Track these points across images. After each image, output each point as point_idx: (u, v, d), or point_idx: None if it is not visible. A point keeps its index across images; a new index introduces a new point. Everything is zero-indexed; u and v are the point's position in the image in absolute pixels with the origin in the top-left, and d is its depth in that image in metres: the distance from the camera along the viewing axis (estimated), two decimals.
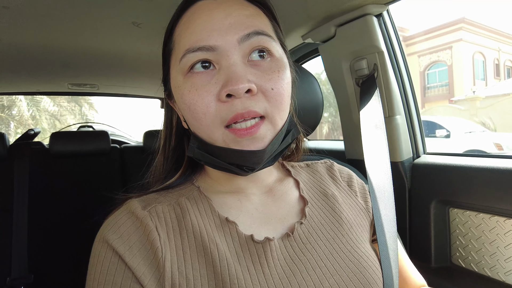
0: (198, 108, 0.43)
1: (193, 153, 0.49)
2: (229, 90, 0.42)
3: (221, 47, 0.44)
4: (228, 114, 0.43)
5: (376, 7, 0.92)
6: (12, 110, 14.69)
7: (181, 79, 0.46)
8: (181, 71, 0.46)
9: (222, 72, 0.44)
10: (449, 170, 0.93)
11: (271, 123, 0.45)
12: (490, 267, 0.85)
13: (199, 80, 0.44)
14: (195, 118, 0.44)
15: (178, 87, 0.46)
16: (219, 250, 0.44)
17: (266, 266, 0.44)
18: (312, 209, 0.54)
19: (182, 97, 0.45)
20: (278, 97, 0.45)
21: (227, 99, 0.43)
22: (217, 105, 0.43)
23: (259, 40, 0.45)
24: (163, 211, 0.47)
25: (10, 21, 1.01)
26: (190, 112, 0.45)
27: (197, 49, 0.44)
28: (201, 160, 0.49)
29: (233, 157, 0.45)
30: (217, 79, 0.44)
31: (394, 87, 0.99)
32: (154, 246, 0.42)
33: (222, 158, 0.46)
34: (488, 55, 18.18)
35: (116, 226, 0.44)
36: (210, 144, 0.46)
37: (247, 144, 0.44)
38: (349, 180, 0.63)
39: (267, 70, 0.45)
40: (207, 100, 0.43)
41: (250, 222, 0.49)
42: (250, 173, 0.47)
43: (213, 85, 0.44)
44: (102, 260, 0.42)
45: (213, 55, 0.44)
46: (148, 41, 1.24)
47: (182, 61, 0.45)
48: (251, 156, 0.44)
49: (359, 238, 0.54)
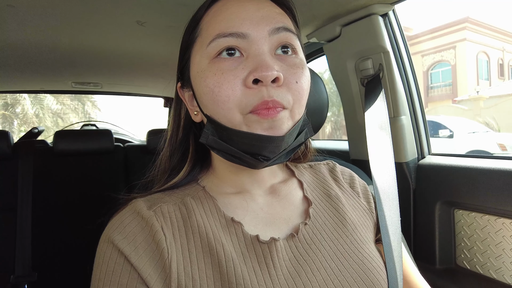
0: (223, 91, 0.43)
1: (207, 139, 0.47)
2: (258, 76, 0.42)
3: (252, 36, 0.44)
4: (254, 100, 0.43)
5: (382, 6, 0.91)
6: (16, 108, 14.77)
7: (205, 63, 0.46)
8: (207, 55, 0.45)
9: (250, 60, 0.44)
10: (454, 171, 0.92)
11: (291, 115, 0.46)
12: (495, 269, 0.84)
13: (226, 65, 0.44)
14: (217, 101, 0.44)
15: (202, 71, 0.46)
16: (225, 251, 0.44)
17: (272, 267, 0.44)
18: (316, 210, 0.54)
19: (205, 80, 0.45)
20: (300, 91, 0.46)
21: (254, 85, 0.43)
22: (243, 90, 0.43)
23: (287, 36, 0.46)
24: (169, 211, 0.47)
25: (14, 19, 1.01)
26: (213, 95, 0.44)
27: (228, 35, 0.44)
28: (214, 147, 0.48)
29: (251, 143, 0.44)
30: (244, 65, 0.44)
31: (399, 88, 0.98)
32: (160, 246, 0.42)
33: (238, 146, 0.45)
34: (492, 54, 18.06)
35: (122, 226, 0.44)
36: (229, 127, 0.44)
37: (267, 128, 0.43)
38: (351, 181, 0.63)
39: (292, 65, 0.46)
40: (233, 83, 0.43)
41: (255, 223, 0.49)
42: (265, 163, 0.46)
43: (240, 70, 0.44)
44: (108, 260, 0.42)
45: (243, 42, 0.44)
46: (152, 40, 1.24)
47: (210, 45, 0.45)
48: (269, 142, 0.44)
49: (363, 238, 0.54)
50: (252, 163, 0.46)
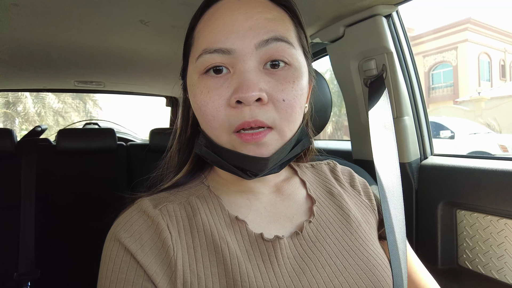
0: (208, 111, 0.44)
1: (201, 150, 0.49)
2: (239, 97, 0.41)
3: (238, 51, 0.43)
4: (236, 120, 0.43)
5: (385, 7, 0.91)
6: (17, 107, 14.79)
7: (195, 78, 0.46)
8: (197, 70, 0.46)
9: (235, 77, 0.43)
10: (456, 172, 0.92)
11: (279, 134, 0.45)
12: (497, 269, 0.84)
13: (212, 82, 0.44)
14: (205, 119, 0.45)
15: (192, 86, 0.47)
16: (230, 249, 0.44)
17: (276, 264, 0.45)
18: (320, 208, 0.54)
19: (194, 96, 0.46)
20: (288, 109, 0.44)
21: (237, 105, 0.42)
22: (226, 110, 0.43)
23: (277, 47, 0.44)
24: (174, 210, 0.47)
25: (18, 18, 1.01)
26: (200, 112, 0.45)
27: (214, 51, 0.43)
28: (207, 158, 0.49)
29: (238, 161, 0.45)
30: (229, 83, 0.43)
31: (402, 88, 0.98)
32: (166, 244, 0.43)
33: (228, 160, 0.46)
34: (493, 55, 18.03)
35: (128, 224, 0.44)
36: (218, 144, 0.46)
37: (252, 149, 0.43)
38: (351, 180, 0.64)
39: (282, 80, 0.44)
40: (217, 103, 0.43)
41: (259, 221, 0.50)
42: (253, 178, 0.47)
43: (225, 89, 0.43)
44: (114, 258, 0.42)
45: (229, 58, 0.43)
46: (155, 40, 1.24)
47: (198, 61, 0.45)
48: (254, 162, 0.44)
49: (367, 236, 0.54)
50: (243, 176, 0.47)
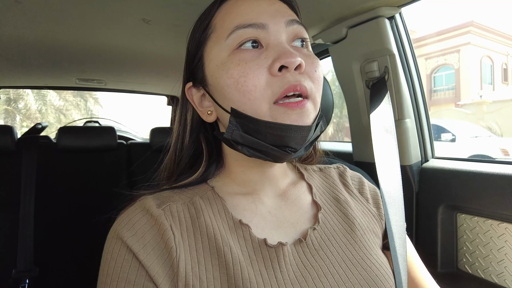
0: (249, 80, 0.43)
1: (232, 135, 0.45)
2: (284, 62, 0.43)
3: (271, 26, 0.45)
4: (280, 87, 0.43)
5: (388, 9, 0.91)
6: (18, 104, 14.80)
7: (225, 55, 0.45)
8: (227, 47, 0.45)
9: (271, 49, 0.45)
10: (457, 175, 0.92)
11: (314, 104, 0.46)
12: (497, 274, 0.84)
13: (248, 55, 0.44)
14: (243, 91, 0.43)
15: (223, 63, 0.45)
16: (233, 253, 0.44)
17: (279, 271, 0.44)
18: (325, 215, 0.53)
19: (228, 71, 0.44)
20: (319, 80, 0.47)
21: (279, 72, 0.43)
22: (268, 78, 0.44)
23: (300, 29, 0.48)
24: (178, 210, 0.46)
25: (20, 16, 1.01)
26: (238, 85, 0.43)
27: (248, 25, 0.45)
28: (238, 142, 0.46)
29: (280, 134, 0.43)
30: (266, 54, 0.44)
31: (404, 90, 0.98)
32: (169, 245, 0.42)
33: (265, 139, 0.44)
34: (496, 59, 17.98)
35: (131, 223, 0.44)
36: (257, 119, 0.43)
37: (295, 118, 0.43)
38: (361, 186, 0.62)
39: (309, 56, 0.48)
40: (258, 72, 0.43)
41: (263, 226, 0.49)
42: (292, 155, 0.45)
43: (263, 60, 0.44)
44: (116, 257, 0.42)
45: (263, 33, 0.45)
46: (157, 38, 1.24)
47: (230, 37, 0.45)
48: (298, 131, 0.43)
49: (371, 244, 0.53)
50: (278, 156, 0.46)
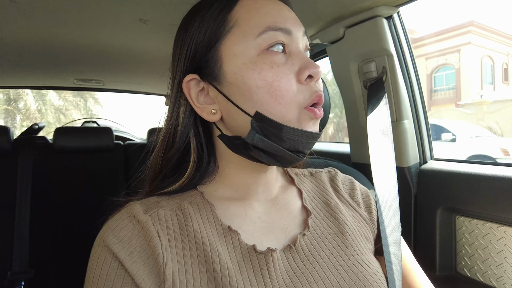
0: (282, 85, 0.44)
1: (253, 139, 0.44)
2: (312, 72, 0.45)
3: (294, 34, 0.47)
4: (310, 95, 0.45)
5: (386, 9, 0.90)
6: (18, 103, 14.81)
7: (254, 54, 0.44)
8: (256, 46, 0.44)
9: (294, 57, 0.46)
10: (456, 177, 0.91)
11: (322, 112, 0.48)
12: (496, 277, 0.83)
13: (277, 58, 0.45)
14: (275, 95, 0.43)
15: (253, 63, 0.44)
16: (221, 260, 0.43)
17: (268, 278, 0.43)
18: (315, 220, 0.53)
19: (261, 72, 0.44)
20: None
21: (306, 81, 0.45)
22: (297, 85, 0.45)
23: (307, 41, 0.51)
24: (165, 216, 0.45)
25: (17, 15, 1.00)
26: (271, 88, 0.43)
27: (278, 29, 0.45)
28: (257, 147, 0.45)
29: (300, 141, 0.45)
30: (292, 61, 0.46)
31: (402, 91, 0.97)
32: (155, 252, 0.41)
33: (284, 144, 0.45)
34: (496, 59, 17.97)
35: (117, 230, 0.43)
36: (283, 124, 0.44)
37: (312, 126, 0.46)
38: (352, 191, 0.61)
39: None
40: (289, 77, 0.45)
41: (253, 231, 0.48)
42: (302, 160, 0.48)
43: (290, 66, 0.45)
44: (102, 264, 0.41)
45: (288, 39, 0.46)
46: (154, 38, 1.24)
47: (261, 37, 0.44)
48: (314, 139, 0.47)
49: (363, 249, 0.52)
50: (290, 161, 0.47)
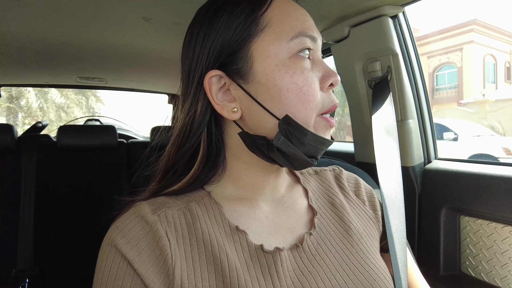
0: (311, 90, 0.45)
1: (279, 141, 0.44)
2: (334, 81, 0.46)
3: (318, 42, 0.48)
4: (329, 103, 0.47)
5: (391, 8, 0.90)
6: (20, 101, 14.84)
7: (285, 57, 0.45)
8: (288, 50, 0.45)
9: (317, 64, 0.47)
10: (461, 177, 0.91)
11: None
12: (501, 277, 0.83)
13: (305, 64, 0.46)
14: (303, 100, 0.44)
15: (284, 66, 0.45)
16: (229, 260, 0.43)
17: (276, 277, 0.43)
18: (321, 220, 0.53)
19: (293, 76, 0.44)
20: None
21: (327, 89, 0.47)
22: (320, 92, 0.46)
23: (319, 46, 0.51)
24: (173, 217, 0.45)
25: (20, 13, 1.00)
26: (300, 93, 0.44)
27: (308, 36, 0.46)
28: (280, 150, 0.44)
29: (317, 146, 0.46)
30: (316, 68, 0.47)
31: (407, 91, 0.97)
32: (164, 252, 0.41)
33: (304, 149, 0.45)
34: (499, 57, 17.88)
35: (125, 230, 0.43)
36: (307, 129, 0.44)
37: (327, 133, 0.48)
38: (357, 189, 0.61)
39: None
40: (316, 84, 0.46)
41: (260, 231, 0.48)
42: (315, 164, 0.48)
43: (315, 73, 0.46)
44: (110, 265, 0.41)
45: (314, 46, 0.47)
46: (158, 37, 1.23)
47: (294, 41, 0.45)
48: (325, 146, 0.47)
49: (369, 248, 0.52)
50: (304, 165, 0.48)
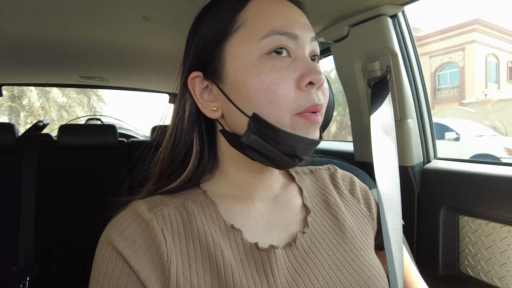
0: (280, 90, 0.43)
1: (248, 139, 0.44)
2: (313, 79, 0.44)
3: (301, 39, 0.46)
4: (306, 102, 0.44)
5: (391, 7, 0.90)
6: (22, 100, 14.89)
7: (255, 57, 0.44)
8: (258, 49, 0.44)
9: (298, 62, 0.45)
10: (460, 177, 0.91)
11: (321, 117, 0.47)
12: (499, 277, 0.83)
13: (278, 63, 0.44)
14: (271, 99, 0.43)
15: (253, 66, 0.44)
16: (224, 257, 0.43)
17: (270, 275, 0.44)
18: (314, 218, 0.53)
19: (259, 76, 0.44)
20: (327, 96, 0.48)
21: (305, 87, 0.44)
22: (295, 91, 0.44)
23: (316, 46, 0.49)
24: (169, 215, 0.46)
25: (23, 13, 1.01)
26: (267, 92, 0.43)
27: (284, 33, 0.45)
28: (252, 148, 0.45)
29: (296, 146, 0.45)
30: (294, 66, 0.45)
31: (406, 90, 0.97)
32: (160, 250, 0.42)
33: (280, 148, 0.44)
34: (502, 57, 17.83)
35: (121, 228, 0.43)
36: (279, 128, 0.44)
37: (311, 132, 0.45)
38: (351, 187, 0.62)
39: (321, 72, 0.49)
40: (288, 83, 0.44)
41: (255, 229, 0.48)
42: (298, 164, 0.47)
43: (292, 71, 0.44)
44: (107, 262, 0.41)
45: (293, 44, 0.45)
46: (158, 36, 1.24)
47: (265, 40, 0.44)
48: (312, 145, 0.46)
49: (363, 246, 0.53)
50: (285, 165, 0.47)
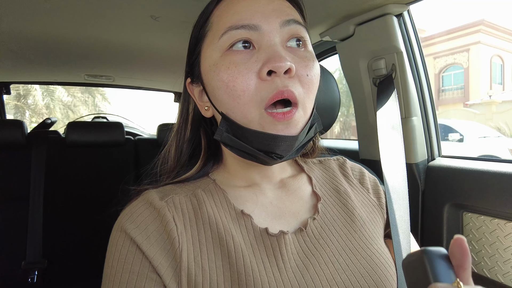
0: (237, 85, 0.43)
1: (221, 136, 0.47)
2: (272, 67, 0.42)
3: (264, 28, 0.44)
4: (268, 92, 0.43)
5: (396, 6, 0.91)
6: (27, 99, 14.98)
7: (217, 56, 0.45)
8: (219, 48, 0.45)
9: (262, 52, 0.44)
10: (464, 174, 0.91)
11: (303, 110, 0.45)
12: (503, 273, 0.84)
13: (238, 57, 0.44)
14: (232, 95, 0.43)
15: (214, 65, 0.45)
16: (235, 242, 0.45)
17: (280, 259, 0.45)
18: (324, 205, 0.54)
19: (218, 74, 0.44)
20: (311, 84, 0.46)
21: (268, 77, 0.43)
22: (256, 83, 0.43)
23: (297, 29, 0.46)
24: (180, 202, 0.47)
25: (30, 12, 1.02)
26: (227, 89, 0.44)
27: (240, 27, 0.44)
28: (227, 144, 0.48)
29: (266, 143, 0.44)
30: (257, 57, 0.44)
31: (411, 88, 0.98)
32: (171, 236, 0.43)
33: (252, 144, 0.45)
34: (507, 58, 17.69)
35: (134, 216, 0.45)
36: (243, 126, 0.44)
37: (282, 129, 0.43)
38: (361, 177, 0.63)
39: (303, 57, 0.46)
40: (247, 77, 0.43)
41: (265, 216, 0.50)
42: (279, 161, 0.47)
43: (253, 63, 0.44)
44: (120, 249, 0.43)
45: (255, 35, 0.44)
46: (165, 35, 1.25)
47: (222, 38, 0.45)
48: (284, 141, 0.44)
49: (372, 235, 0.54)
50: (265, 161, 0.47)
